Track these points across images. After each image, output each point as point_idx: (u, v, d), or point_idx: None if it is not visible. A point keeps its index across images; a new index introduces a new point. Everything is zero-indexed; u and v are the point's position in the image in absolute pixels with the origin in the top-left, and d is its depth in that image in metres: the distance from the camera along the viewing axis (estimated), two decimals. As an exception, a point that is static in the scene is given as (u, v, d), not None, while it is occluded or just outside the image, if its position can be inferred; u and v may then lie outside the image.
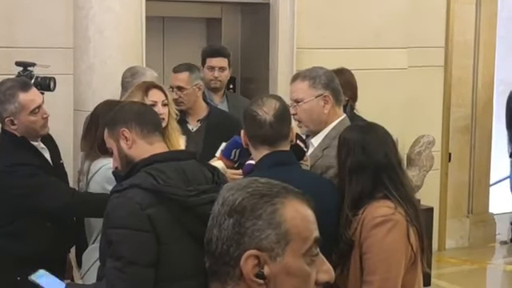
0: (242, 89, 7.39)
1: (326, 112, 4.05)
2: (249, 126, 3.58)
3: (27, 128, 4.37)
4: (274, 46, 7.22)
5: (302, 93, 4.06)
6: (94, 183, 4.26)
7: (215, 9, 7.57)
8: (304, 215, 1.84)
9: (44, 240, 4.39)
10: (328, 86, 4.06)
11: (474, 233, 9.10)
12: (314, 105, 4.04)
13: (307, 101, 4.04)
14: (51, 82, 4.96)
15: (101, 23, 5.70)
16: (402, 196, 3.50)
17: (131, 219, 3.17)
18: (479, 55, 8.95)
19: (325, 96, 4.04)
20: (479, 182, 9.15)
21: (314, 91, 4.04)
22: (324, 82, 4.06)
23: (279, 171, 3.05)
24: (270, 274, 1.78)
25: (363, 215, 3.47)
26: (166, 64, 7.47)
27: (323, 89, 4.05)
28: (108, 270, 3.20)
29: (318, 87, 4.04)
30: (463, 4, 8.72)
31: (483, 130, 9.11)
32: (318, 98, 4.04)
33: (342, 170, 3.59)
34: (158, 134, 3.49)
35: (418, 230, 3.51)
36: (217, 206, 1.85)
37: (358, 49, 7.59)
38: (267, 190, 1.83)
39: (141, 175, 3.25)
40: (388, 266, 3.41)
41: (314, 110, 4.05)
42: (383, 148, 3.56)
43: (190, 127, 5.58)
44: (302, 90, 4.06)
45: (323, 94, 4.04)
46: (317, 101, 4.04)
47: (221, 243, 1.80)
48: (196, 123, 5.62)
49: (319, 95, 4.04)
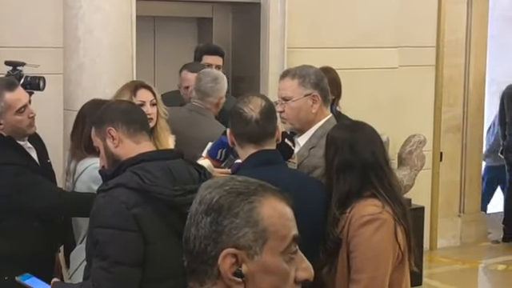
0: (233, 88, 7.38)
1: (313, 112, 4.05)
2: (235, 123, 3.57)
3: (13, 127, 4.36)
4: (264, 45, 7.23)
5: (291, 91, 4.05)
6: (80, 183, 4.25)
7: (206, 8, 7.56)
8: (282, 213, 1.83)
9: (32, 239, 4.38)
10: (317, 86, 4.06)
11: (465, 232, 9.11)
12: (303, 104, 4.04)
13: (296, 99, 4.04)
14: (41, 81, 4.95)
15: (90, 23, 5.69)
16: (389, 195, 3.50)
17: (117, 219, 3.17)
18: (470, 54, 8.95)
19: (313, 95, 4.04)
20: (471, 181, 9.16)
21: (303, 90, 4.04)
22: (313, 82, 4.05)
23: (266, 170, 3.06)
24: (248, 273, 1.77)
25: (351, 214, 3.47)
26: (157, 64, 7.47)
27: (312, 88, 4.04)
28: (94, 270, 3.19)
29: (307, 86, 4.04)
30: (454, 3, 8.73)
31: (475, 130, 9.12)
32: (307, 97, 4.04)
33: (330, 168, 3.58)
34: (144, 133, 3.48)
35: (405, 228, 3.51)
36: (195, 204, 1.85)
37: (349, 48, 7.60)
38: (244, 188, 1.83)
39: (127, 175, 3.25)
40: (375, 265, 3.41)
41: (301, 108, 4.05)
42: (371, 147, 3.57)
43: None
44: (291, 88, 4.06)
45: (312, 94, 4.04)
46: (305, 100, 4.04)
47: (198, 242, 1.80)
48: None
49: (308, 94, 4.04)
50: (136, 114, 3.54)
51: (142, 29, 6.57)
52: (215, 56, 6.28)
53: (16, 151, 4.37)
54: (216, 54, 6.31)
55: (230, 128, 3.62)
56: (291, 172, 3.70)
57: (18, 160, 4.33)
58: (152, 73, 7.34)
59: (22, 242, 4.35)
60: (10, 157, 4.31)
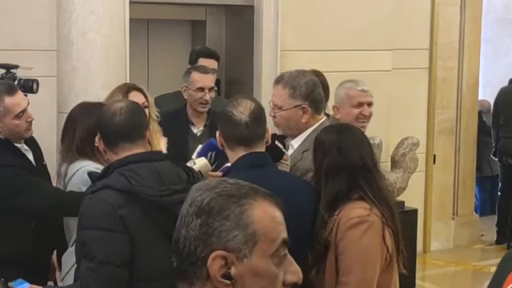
0: (226, 91, 7.40)
1: (303, 121, 4.08)
2: (224, 126, 3.57)
3: (11, 131, 4.38)
4: (258, 48, 7.23)
5: (282, 101, 4.08)
6: (71, 186, 4.25)
7: (200, 11, 7.58)
8: (272, 216, 1.84)
9: (28, 241, 4.38)
10: (307, 97, 4.07)
11: (459, 234, 9.13)
12: (292, 114, 4.07)
13: (286, 109, 4.07)
14: (34, 84, 4.96)
15: (83, 26, 5.69)
16: (377, 197, 3.51)
17: (103, 220, 3.19)
18: (464, 57, 8.97)
19: (303, 107, 4.06)
20: (464, 183, 9.18)
21: (293, 101, 4.07)
22: (304, 93, 4.07)
23: (255, 173, 3.06)
24: (237, 275, 1.78)
25: (339, 216, 3.47)
26: (151, 66, 7.48)
27: (302, 100, 4.06)
28: (82, 271, 3.22)
29: (297, 98, 4.06)
30: (448, 6, 8.74)
31: (468, 132, 9.14)
32: (297, 108, 4.06)
33: (319, 171, 3.60)
34: (123, 144, 3.43)
35: (393, 231, 3.51)
36: (185, 205, 1.85)
37: (342, 51, 7.60)
38: (235, 190, 1.83)
39: (114, 176, 3.28)
40: (363, 267, 3.41)
41: (291, 118, 4.08)
42: (359, 149, 3.57)
43: (194, 131, 5.63)
44: (281, 98, 4.09)
45: (302, 105, 4.06)
46: (295, 110, 4.07)
47: (188, 243, 1.80)
48: (201, 127, 5.65)
49: (298, 105, 4.06)
50: (114, 124, 3.46)
51: (136, 31, 6.59)
52: (211, 59, 6.29)
53: (13, 153, 4.39)
54: (212, 58, 6.32)
55: (219, 130, 3.61)
56: (280, 174, 3.71)
57: (15, 162, 4.34)
58: (145, 75, 7.35)
59: (18, 244, 4.36)
60: (8, 159, 4.32)
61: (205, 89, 5.60)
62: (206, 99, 5.58)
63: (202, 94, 5.59)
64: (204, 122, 5.67)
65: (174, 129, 5.34)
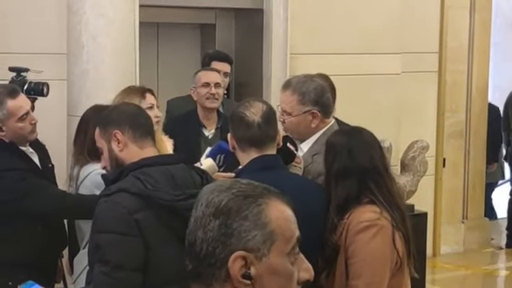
0: (236, 94, 7.40)
1: (313, 126, 4.06)
2: (236, 127, 3.57)
3: (15, 134, 4.37)
4: (267, 51, 7.23)
5: (291, 107, 4.06)
6: (83, 188, 4.27)
7: (209, 14, 7.58)
8: (286, 215, 1.86)
9: (35, 244, 4.38)
10: (317, 103, 4.05)
11: (468, 238, 9.11)
12: (302, 119, 4.05)
13: (295, 115, 4.05)
14: (44, 87, 4.97)
15: (94, 29, 5.71)
16: (387, 200, 3.49)
17: (118, 224, 3.17)
18: (473, 61, 8.96)
19: (313, 112, 4.04)
20: (474, 187, 9.16)
21: (302, 107, 4.04)
22: (313, 99, 4.05)
23: (266, 175, 3.05)
24: (257, 275, 1.79)
25: (349, 220, 3.46)
26: (160, 70, 7.48)
27: (311, 105, 4.04)
28: (95, 275, 3.19)
29: (306, 103, 4.04)
30: (457, 9, 8.73)
31: (477, 136, 9.12)
32: (306, 114, 4.04)
33: (329, 174, 3.58)
34: (149, 139, 3.45)
35: (404, 234, 3.49)
36: (200, 207, 1.85)
37: (352, 54, 7.60)
38: (251, 190, 1.85)
39: (129, 179, 3.25)
40: (373, 271, 3.40)
41: (301, 123, 4.06)
42: (369, 152, 3.56)
43: (206, 133, 5.63)
44: (290, 104, 4.06)
45: (311, 111, 4.04)
46: (304, 116, 4.05)
47: (206, 245, 1.81)
48: (213, 129, 5.65)
49: (307, 111, 4.04)
50: (143, 118, 3.51)
51: (146, 35, 6.59)
52: (224, 63, 6.31)
53: (18, 156, 4.38)
54: (225, 61, 6.35)
55: (230, 132, 3.61)
56: (290, 176, 3.70)
57: (21, 165, 4.34)
58: (155, 79, 7.35)
59: (25, 247, 4.36)
60: (13, 162, 4.32)
61: (210, 84, 5.61)
62: (213, 93, 5.58)
63: (207, 89, 5.60)
64: (215, 125, 5.67)
65: (186, 132, 5.34)
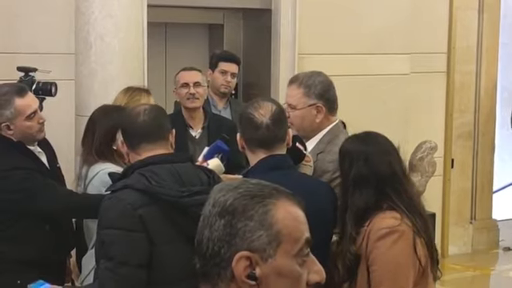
0: (244, 94, 7.40)
1: (317, 121, 4.04)
2: (245, 128, 3.56)
3: (23, 133, 4.37)
4: (275, 51, 7.24)
5: (296, 100, 4.05)
6: (91, 188, 4.27)
7: (217, 15, 7.58)
8: (295, 216, 1.83)
9: (43, 243, 4.38)
10: (322, 97, 4.04)
11: (477, 239, 9.08)
12: (307, 113, 4.04)
13: (300, 108, 4.04)
14: (52, 87, 4.97)
15: (102, 29, 5.70)
16: (407, 206, 3.43)
17: (123, 220, 3.19)
18: (482, 61, 8.94)
19: (318, 106, 4.03)
20: (482, 188, 9.13)
21: (307, 100, 4.03)
22: (318, 92, 4.03)
23: (275, 175, 3.04)
24: (262, 275, 1.77)
25: (369, 227, 3.40)
26: (168, 70, 7.48)
27: (317, 99, 4.03)
28: (100, 271, 3.22)
29: (311, 97, 4.03)
30: (466, 10, 8.71)
31: (486, 136, 9.10)
32: (311, 107, 4.03)
33: (345, 181, 3.53)
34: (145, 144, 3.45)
35: (426, 240, 3.42)
36: (208, 206, 1.85)
37: (360, 55, 7.59)
38: (258, 190, 1.83)
39: (134, 176, 3.27)
40: (394, 278, 3.34)
41: (305, 117, 4.04)
42: (386, 158, 3.49)
43: (193, 134, 5.61)
44: (296, 96, 4.05)
45: (316, 104, 4.03)
46: (309, 110, 4.03)
47: (212, 244, 1.80)
48: (199, 129, 5.63)
49: (312, 104, 4.03)
50: (138, 124, 3.48)
51: (154, 35, 6.59)
52: (231, 63, 6.31)
53: (26, 156, 4.38)
54: (232, 62, 6.34)
55: (239, 133, 3.60)
56: (300, 177, 3.68)
57: (29, 164, 4.34)
58: (163, 79, 7.35)
59: (33, 246, 4.35)
60: (21, 161, 4.32)
61: (189, 83, 5.60)
62: (192, 92, 5.56)
63: (187, 89, 5.59)
64: (201, 125, 5.65)
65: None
